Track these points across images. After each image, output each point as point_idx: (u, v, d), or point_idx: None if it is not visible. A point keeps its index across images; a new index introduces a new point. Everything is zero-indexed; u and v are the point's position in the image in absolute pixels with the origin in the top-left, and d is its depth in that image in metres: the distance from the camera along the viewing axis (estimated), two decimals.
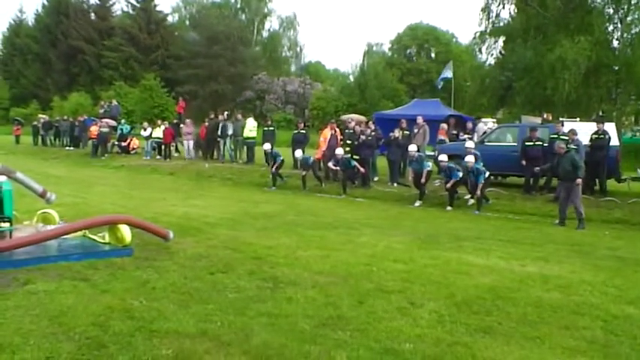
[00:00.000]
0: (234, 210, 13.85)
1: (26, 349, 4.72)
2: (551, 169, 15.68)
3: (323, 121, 38.09)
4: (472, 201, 16.31)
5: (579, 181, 13.80)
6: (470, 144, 17.17)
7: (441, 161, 16.52)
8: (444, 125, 20.99)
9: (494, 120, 26.31)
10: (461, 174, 15.97)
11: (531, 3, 26.05)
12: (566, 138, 16.10)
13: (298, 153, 19.79)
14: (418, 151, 17.73)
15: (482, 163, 16.15)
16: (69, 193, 14.50)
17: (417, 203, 16.76)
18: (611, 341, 5.57)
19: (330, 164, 19.05)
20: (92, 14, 67.30)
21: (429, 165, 17.05)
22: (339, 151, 18.74)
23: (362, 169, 18.41)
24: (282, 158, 19.77)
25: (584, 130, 17.20)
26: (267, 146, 20.25)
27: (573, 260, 9.49)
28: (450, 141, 20.43)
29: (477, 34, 29.37)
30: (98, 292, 6.34)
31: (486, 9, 27.91)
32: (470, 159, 15.82)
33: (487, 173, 15.84)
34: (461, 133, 21.09)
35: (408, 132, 19.79)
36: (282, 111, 52.76)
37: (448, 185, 16.35)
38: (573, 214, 13.95)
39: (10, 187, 8.32)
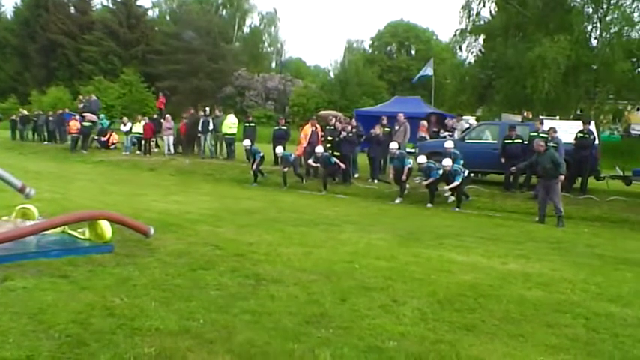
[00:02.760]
0: (215, 206, 13.78)
1: (6, 347, 4.64)
2: (530, 167, 15.76)
3: (303, 117, 38.15)
4: (452, 198, 16.37)
5: (562, 177, 13.92)
6: (449, 144, 17.21)
7: (420, 163, 16.54)
8: (424, 122, 21.06)
9: (475, 118, 26.48)
10: (441, 172, 16.01)
11: (511, 2, 26.13)
12: (546, 136, 16.21)
13: (279, 150, 19.74)
14: (399, 148, 17.76)
15: (462, 162, 16.22)
16: (48, 188, 14.34)
17: (398, 200, 16.80)
18: (593, 339, 5.61)
19: (310, 162, 19.02)
20: (72, 8, 66.58)
21: (410, 162, 17.05)
22: (319, 149, 18.70)
23: (342, 166, 18.41)
24: (262, 155, 19.70)
25: (564, 129, 17.34)
26: (246, 143, 20.16)
27: (554, 258, 9.57)
28: (430, 138, 20.51)
29: (458, 32, 29.35)
30: (78, 288, 6.25)
31: (467, 7, 27.93)
32: (447, 162, 15.87)
33: (466, 172, 15.92)
34: (441, 131, 21.17)
35: (389, 129, 19.82)
36: (263, 107, 52.68)
37: (425, 183, 16.46)
38: (553, 211, 14.05)
39: None
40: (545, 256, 9.72)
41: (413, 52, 64.99)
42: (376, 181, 18.91)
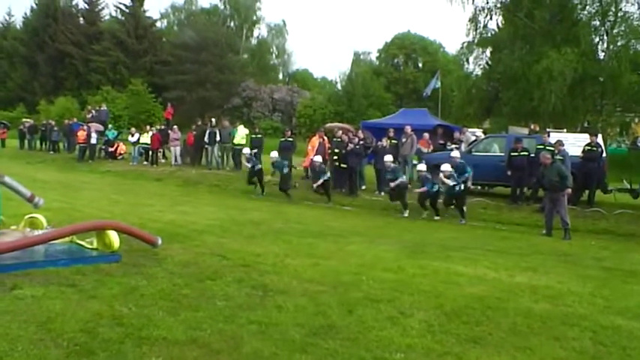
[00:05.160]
0: (221, 217, 13.80)
1: (14, 355, 4.66)
2: (537, 182, 15.74)
3: (310, 129, 38.17)
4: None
5: (569, 191, 13.90)
6: (455, 153, 17.14)
7: (419, 170, 16.52)
8: (426, 135, 20.97)
9: (482, 130, 26.46)
10: (437, 187, 16.03)
11: (518, 14, 26.16)
12: (553, 149, 16.20)
13: (274, 154, 19.33)
14: (405, 160, 17.77)
15: (469, 173, 16.15)
16: (55, 197, 14.38)
17: (406, 213, 16.73)
18: (600, 352, 5.59)
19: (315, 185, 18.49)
20: (81, 18, 66.97)
21: (403, 177, 17.00)
22: (318, 158, 18.59)
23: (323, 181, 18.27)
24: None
25: (571, 141, 17.33)
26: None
27: (561, 271, 9.54)
28: (435, 151, 20.51)
29: (465, 44, 29.38)
30: (86, 298, 6.27)
31: (474, 19, 27.96)
32: (446, 167, 15.81)
33: (462, 185, 15.82)
34: (448, 143, 21.15)
35: (395, 141, 19.84)
36: (270, 118, 52.77)
37: (416, 191, 16.46)
38: (559, 224, 14.02)
39: None
40: (552, 268, 9.69)
41: (420, 64, 65.00)
42: (383, 193, 18.89)
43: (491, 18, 27.64)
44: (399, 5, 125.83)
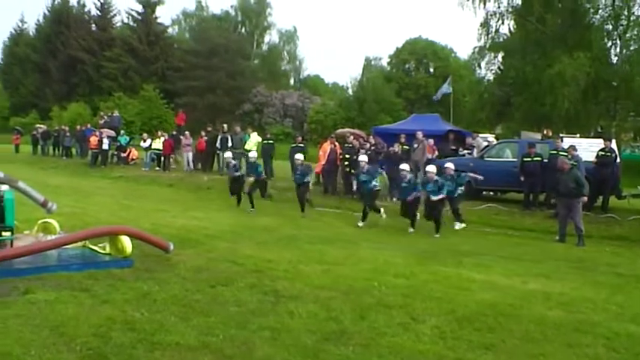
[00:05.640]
0: (233, 222, 13.82)
1: (27, 359, 4.69)
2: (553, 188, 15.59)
3: (322, 134, 38.13)
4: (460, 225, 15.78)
5: (585, 198, 13.83)
6: (450, 164, 15.97)
7: (428, 171, 15.44)
8: (430, 141, 20.83)
9: (494, 135, 26.39)
10: (442, 195, 14.79)
11: (530, 19, 26.15)
12: (566, 154, 16.13)
13: (253, 154, 18.43)
14: (417, 167, 17.60)
15: (464, 183, 15.82)
16: (68, 202, 14.43)
17: (410, 230, 15.11)
18: (613, 359, 5.56)
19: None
20: (93, 25, 67.36)
21: (420, 189, 15.46)
22: (299, 156, 17.72)
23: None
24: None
25: (584, 146, 17.25)
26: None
27: (574, 277, 9.49)
28: (446, 156, 20.45)
29: (476, 49, 29.47)
30: (98, 302, 6.30)
31: (485, 24, 27.99)
32: (431, 169, 15.18)
33: (444, 192, 14.74)
34: (460, 149, 21.11)
35: (407, 147, 19.80)
36: (281, 124, 52.81)
37: (410, 198, 15.10)
38: (573, 230, 13.93)
39: (12, 196, 8.29)
40: (566, 275, 9.64)
41: (431, 70, 64.84)
42: (394, 199, 18.82)
43: (502, 23, 27.70)
44: (410, 11, 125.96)
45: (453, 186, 15.17)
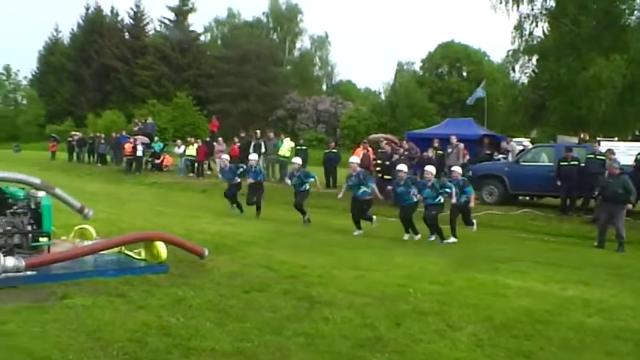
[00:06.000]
0: (266, 228, 13.84)
1: None
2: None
3: (355, 140, 38.08)
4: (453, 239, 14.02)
5: (630, 206, 13.59)
6: (457, 169, 14.76)
7: (453, 170, 14.48)
8: (461, 145, 20.49)
9: (529, 139, 26.09)
10: (451, 200, 13.88)
11: (564, 21, 25.80)
12: (603, 158, 15.87)
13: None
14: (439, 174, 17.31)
15: (468, 194, 14.24)
16: (103, 209, 14.59)
17: (405, 237, 13.94)
18: None
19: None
20: (126, 33, 68.30)
21: (369, 191, 14.43)
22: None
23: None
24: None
25: (622, 150, 16.96)
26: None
27: (614, 284, 9.29)
28: (481, 161, 20.28)
29: (510, 53, 29.10)
30: (134, 308, 6.35)
31: (519, 27, 27.66)
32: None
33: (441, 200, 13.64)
34: (495, 153, 20.90)
35: (441, 152, 19.68)
36: (314, 130, 52.89)
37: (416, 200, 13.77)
38: (612, 236, 13.67)
39: (49, 203, 8.40)
40: (605, 282, 9.45)
41: (464, 74, 64.36)
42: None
43: (536, 25, 27.31)
44: (443, 14, 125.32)
45: (434, 193, 13.62)
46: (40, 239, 8.20)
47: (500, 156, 20.43)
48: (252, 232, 12.99)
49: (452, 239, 13.71)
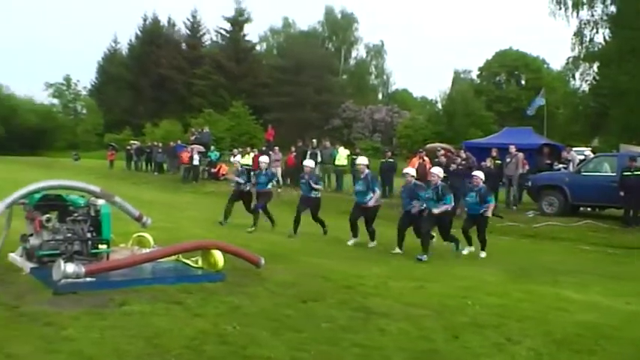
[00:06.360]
0: (322, 237, 13.82)
1: None
2: None
3: (411, 149, 37.86)
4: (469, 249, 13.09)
5: None
6: (479, 174, 13.24)
7: (475, 176, 13.09)
8: (520, 155, 20.03)
9: (590, 148, 25.53)
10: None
11: (625, 26, 25.18)
12: None
13: (264, 158, 17.12)
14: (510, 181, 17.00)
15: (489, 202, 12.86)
16: (161, 217, 14.74)
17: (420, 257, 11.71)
18: None
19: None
20: (183, 44, 69.58)
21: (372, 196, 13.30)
22: (309, 162, 15.82)
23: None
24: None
25: None
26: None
27: None
28: (540, 171, 19.90)
29: (570, 60, 28.68)
30: (191, 315, 6.39)
31: (579, 33, 27.19)
32: (436, 170, 12.79)
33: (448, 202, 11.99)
34: (555, 163, 20.48)
35: (499, 161, 19.38)
36: (370, 139, 52.78)
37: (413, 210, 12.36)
38: None
39: (109, 211, 8.56)
40: None
41: (523, 82, 63.32)
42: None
43: (597, 31, 26.84)
44: (500, 21, 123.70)
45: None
46: (100, 246, 8.35)
47: (561, 166, 20.01)
48: (307, 241, 13.00)
49: (467, 249, 12.93)
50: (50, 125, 69.68)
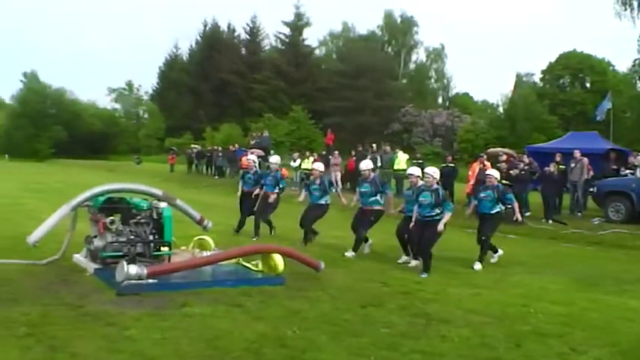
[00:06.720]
0: (380, 242, 13.74)
1: None
2: None
3: (472, 154, 37.38)
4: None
5: None
6: (493, 173, 12.66)
7: (489, 175, 12.44)
8: (585, 160, 19.46)
9: None
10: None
11: None
12: None
13: (275, 159, 16.22)
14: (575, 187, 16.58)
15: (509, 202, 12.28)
16: (222, 220, 14.93)
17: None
18: None
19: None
20: (242, 49, 70.43)
21: (389, 193, 13.18)
22: (318, 165, 14.76)
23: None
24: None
25: None
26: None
27: None
28: (606, 176, 19.38)
29: (637, 62, 27.88)
30: (251, 318, 6.46)
31: None
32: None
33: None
34: (622, 168, 19.90)
35: (563, 166, 18.96)
36: (430, 144, 52.37)
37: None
38: None
39: (171, 214, 8.71)
40: None
41: (588, 85, 61.70)
42: (550, 221, 17.99)
43: None
44: (563, 23, 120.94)
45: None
46: (162, 249, 8.53)
47: (628, 171, 19.42)
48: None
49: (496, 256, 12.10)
50: (113, 129, 71.80)
